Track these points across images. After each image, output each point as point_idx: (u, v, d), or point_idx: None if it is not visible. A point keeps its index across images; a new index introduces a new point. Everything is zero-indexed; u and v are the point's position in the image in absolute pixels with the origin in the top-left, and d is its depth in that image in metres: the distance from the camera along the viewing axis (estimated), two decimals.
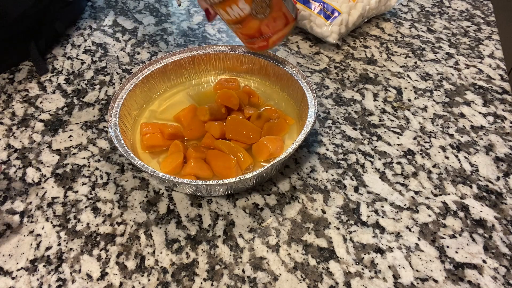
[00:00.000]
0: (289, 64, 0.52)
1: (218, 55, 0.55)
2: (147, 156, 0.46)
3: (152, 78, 0.52)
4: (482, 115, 0.55)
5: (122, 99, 0.48)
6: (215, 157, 0.44)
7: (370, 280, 0.37)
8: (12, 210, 0.43)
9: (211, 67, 0.56)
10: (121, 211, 0.43)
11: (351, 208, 0.43)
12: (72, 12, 0.69)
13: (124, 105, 0.47)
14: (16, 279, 0.37)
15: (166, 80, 0.54)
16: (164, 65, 0.53)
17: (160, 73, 0.53)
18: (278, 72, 0.53)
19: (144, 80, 0.51)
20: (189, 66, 0.55)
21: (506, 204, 0.44)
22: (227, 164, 0.43)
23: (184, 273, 0.38)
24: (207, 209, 0.43)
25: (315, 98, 0.47)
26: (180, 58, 0.54)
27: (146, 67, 0.52)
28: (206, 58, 0.55)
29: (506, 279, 0.38)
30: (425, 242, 0.40)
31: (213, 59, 0.56)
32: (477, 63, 0.64)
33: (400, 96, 0.57)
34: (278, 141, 0.45)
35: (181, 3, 0.75)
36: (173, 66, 0.54)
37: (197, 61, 0.55)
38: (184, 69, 0.55)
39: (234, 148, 0.44)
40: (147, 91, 0.52)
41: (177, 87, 0.55)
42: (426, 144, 0.51)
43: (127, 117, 0.48)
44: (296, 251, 0.39)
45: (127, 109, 0.48)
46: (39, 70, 0.59)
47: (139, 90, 0.51)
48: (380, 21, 0.73)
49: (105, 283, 0.37)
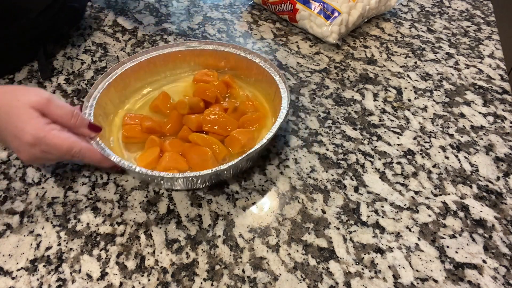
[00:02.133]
0: (261, 58, 0.52)
1: (191, 52, 0.55)
2: (126, 153, 0.46)
3: (126, 76, 0.52)
4: (482, 115, 0.55)
5: (96, 98, 0.47)
6: (191, 150, 0.44)
7: (370, 280, 0.37)
8: (12, 210, 0.43)
9: (185, 64, 0.56)
10: (121, 211, 0.43)
11: (351, 208, 0.43)
12: (76, 17, 0.70)
13: (98, 104, 0.47)
14: (16, 279, 0.37)
15: (141, 78, 0.54)
16: (138, 63, 0.52)
17: (134, 71, 0.52)
18: (251, 66, 0.53)
19: (117, 79, 0.50)
20: (163, 63, 0.55)
21: (506, 204, 0.44)
22: (202, 157, 0.43)
23: (184, 273, 0.38)
24: (207, 209, 0.43)
25: (287, 89, 0.47)
26: (154, 55, 0.53)
27: (119, 66, 0.51)
28: (180, 55, 0.55)
29: (506, 279, 0.38)
30: (425, 242, 0.40)
31: (187, 55, 0.55)
32: (477, 63, 0.64)
33: (400, 96, 0.57)
34: (249, 133, 0.46)
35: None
36: (147, 64, 0.53)
37: (171, 58, 0.55)
38: (158, 67, 0.55)
39: (208, 140, 0.45)
40: (121, 90, 0.51)
41: (152, 84, 0.55)
42: (426, 144, 0.51)
43: (102, 116, 0.48)
44: (296, 251, 0.39)
45: (102, 108, 0.48)
46: (43, 75, 0.59)
47: (113, 89, 0.50)
48: (380, 21, 0.73)
49: (105, 283, 0.37)
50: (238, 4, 0.76)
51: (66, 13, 0.62)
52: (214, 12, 0.74)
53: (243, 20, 0.72)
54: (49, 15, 0.57)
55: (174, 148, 0.45)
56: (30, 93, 0.40)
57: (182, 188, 0.44)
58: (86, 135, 0.43)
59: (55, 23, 0.60)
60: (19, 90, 0.40)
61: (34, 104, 0.39)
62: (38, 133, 0.38)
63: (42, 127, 0.39)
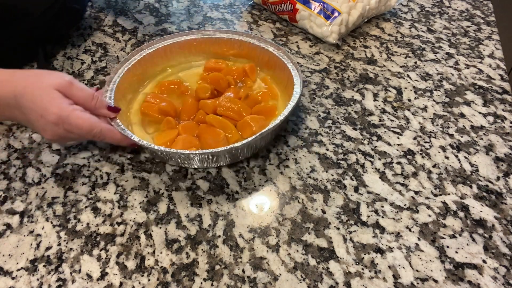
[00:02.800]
0: (274, 46, 0.54)
1: (207, 40, 0.57)
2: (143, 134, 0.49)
3: (144, 62, 0.54)
4: (482, 115, 0.55)
5: (116, 82, 0.49)
6: (205, 131, 0.47)
7: (370, 280, 0.37)
8: (12, 210, 0.43)
9: (200, 51, 0.58)
10: (121, 211, 0.43)
11: (351, 208, 0.43)
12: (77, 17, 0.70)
13: (118, 88, 0.49)
14: (16, 279, 0.37)
15: (159, 63, 0.56)
16: (155, 49, 0.55)
17: (152, 57, 0.55)
18: (264, 54, 0.55)
19: (136, 64, 0.53)
20: (179, 50, 0.57)
21: (506, 204, 0.44)
22: (215, 138, 0.45)
23: (184, 273, 0.38)
24: (207, 209, 0.43)
25: (301, 77, 0.49)
26: (170, 42, 0.56)
27: (137, 52, 0.54)
28: (195, 43, 0.57)
29: (506, 279, 0.38)
30: (425, 242, 0.40)
31: (202, 43, 0.57)
32: (477, 63, 0.64)
33: (400, 96, 0.57)
34: (261, 120, 0.47)
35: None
36: (164, 51, 0.56)
37: (187, 46, 0.57)
38: (174, 53, 0.57)
39: (223, 123, 0.47)
40: (139, 75, 0.54)
41: (168, 70, 0.58)
42: (426, 144, 0.51)
43: (122, 100, 0.50)
44: (296, 251, 0.39)
45: (122, 92, 0.50)
46: None
47: (132, 74, 0.53)
48: (380, 21, 0.73)
49: (105, 283, 0.37)
50: (238, 4, 0.76)
51: (67, 14, 0.62)
52: (214, 12, 0.74)
53: (243, 20, 0.72)
54: (49, 16, 0.57)
55: (187, 131, 0.47)
56: (53, 76, 0.42)
57: (198, 166, 0.45)
58: (106, 116, 0.45)
59: (55, 24, 0.60)
60: (43, 73, 0.42)
61: (57, 86, 0.41)
62: (61, 112, 0.40)
63: (65, 107, 0.41)
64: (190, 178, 0.46)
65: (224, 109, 0.48)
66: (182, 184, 0.45)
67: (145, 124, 0.50)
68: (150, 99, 0.51)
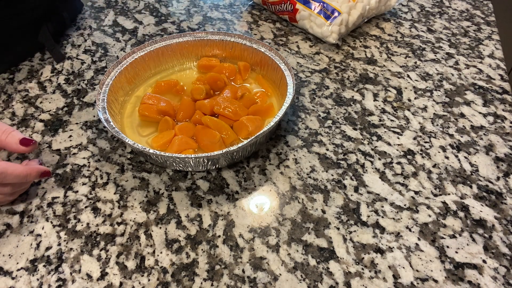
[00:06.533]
0: (267, 46, 0.54)
1: (198, 42, 0.57)
2: (137, 137, 0.49)
3: (136, 65, 0.54)
4: (482, 115, 0.55)
5: (109, 85, 0.49)
6: (201, 132, 0.47)
7: (370, 280, 0.37)
8: (12, 210, 0.43)
9: (192, 53, 0.59)
10: (121, 211, 0.43)
11: (351, 208, 0.43)
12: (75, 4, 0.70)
13: (110, 90, 0.49)
14: (16, 279, 0.37)
15: (151, 67, 0.56)
16: (147, 52, 0.55)
17: (143, 60, 0.55)
18: (256, 55, 0.55)
19: (128, 67, 0.53)
20: (171, 53, 0.57)
21: (506, 204, 0.44)
22: (211, 139, 0.45)
23: (184, 273, 0.38)
24: (207, 209, 0.43)
25: (293, 77, 0.49)
26: (162, 45, 0.56)
27: (129, 55, 0.54)
28: (187, 45, 0.57)
29: (506, 279, 0.38)
30: (425, 242, 0.40)
31: (194, 46, 0.58)
32: (477, 63, 0.64)
33: (400, 96, 0.57)
34: (257, 121, 0.47)
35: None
36: (156, 54, 0.56)
37: (179, 48, 0.57)
38: (166, 56, 0.57)
39: (219, 124, 0.47)
40: (131, 78, 0.54)
41: (160, 73, 0.58)
42: (426, 144, 0.51)
43: (114, 103, 0.50)
44: (296, 251, 0.39)
45: (114, 95, 0.50)
46: (55, 57, 0.59)
47: (124, 77, 0.53)
48: (380, 21, 0.73)
49: (105, 283, 0.37)
50: (238, 4, 0.76)
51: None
52: (214, 12, 0.74)
53: (243, 20, 0.72)
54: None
55: (184, 132, 0.47)
56: None
57: (193, 169, 0.45)
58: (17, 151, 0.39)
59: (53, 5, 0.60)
60: None
61: None
62: None
63: None
64: (190, 178, 0.46)
65: (221, 109, 0.48)
66: (182, 184, 0.45)
67: (139, 126, 0.50)
68: (147, 100, 0.50)
